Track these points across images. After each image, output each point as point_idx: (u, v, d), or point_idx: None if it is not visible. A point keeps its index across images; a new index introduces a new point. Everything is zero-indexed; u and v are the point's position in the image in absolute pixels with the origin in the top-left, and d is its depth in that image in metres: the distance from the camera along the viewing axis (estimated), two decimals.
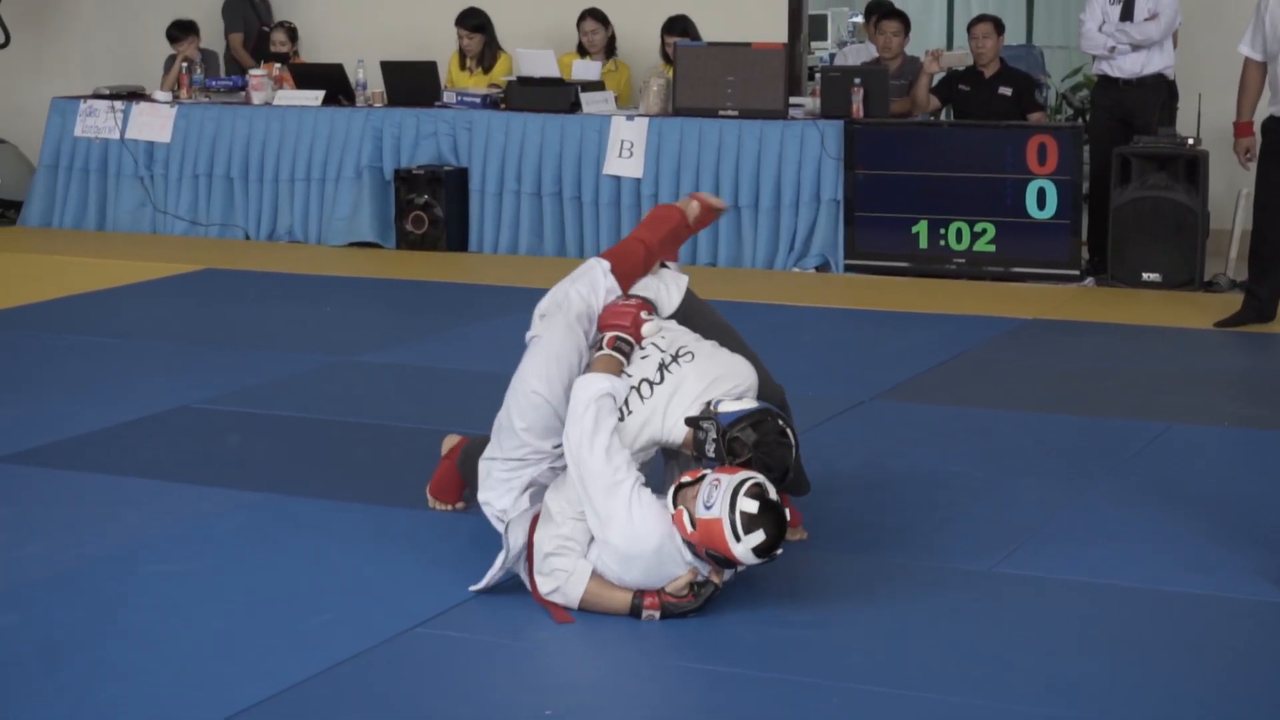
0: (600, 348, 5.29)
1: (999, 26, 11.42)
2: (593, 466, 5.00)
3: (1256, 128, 9.45)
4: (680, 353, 5.29)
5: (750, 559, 4.89)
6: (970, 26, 11.52)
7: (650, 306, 5.45)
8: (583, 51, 12.47)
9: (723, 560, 4.93)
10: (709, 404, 5.12)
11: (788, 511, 5.00)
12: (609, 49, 12.48)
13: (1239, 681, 4.62)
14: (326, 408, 7.65)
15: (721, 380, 5.23)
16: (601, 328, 5.36)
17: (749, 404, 5.10)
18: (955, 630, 5.04)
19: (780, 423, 5.09)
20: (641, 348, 5.30)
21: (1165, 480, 6.54)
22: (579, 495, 5.05)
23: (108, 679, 4.67)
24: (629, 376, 5.22)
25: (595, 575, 5.07)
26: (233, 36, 13.69)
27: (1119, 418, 7.42)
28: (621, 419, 5.13)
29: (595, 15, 12.42)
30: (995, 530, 5.90)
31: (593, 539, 5.05)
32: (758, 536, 4.86)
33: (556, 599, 5.09)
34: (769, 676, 4.75)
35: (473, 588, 5.24)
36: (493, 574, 5.23)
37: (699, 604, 5.02)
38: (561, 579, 5.07)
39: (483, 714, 4.50)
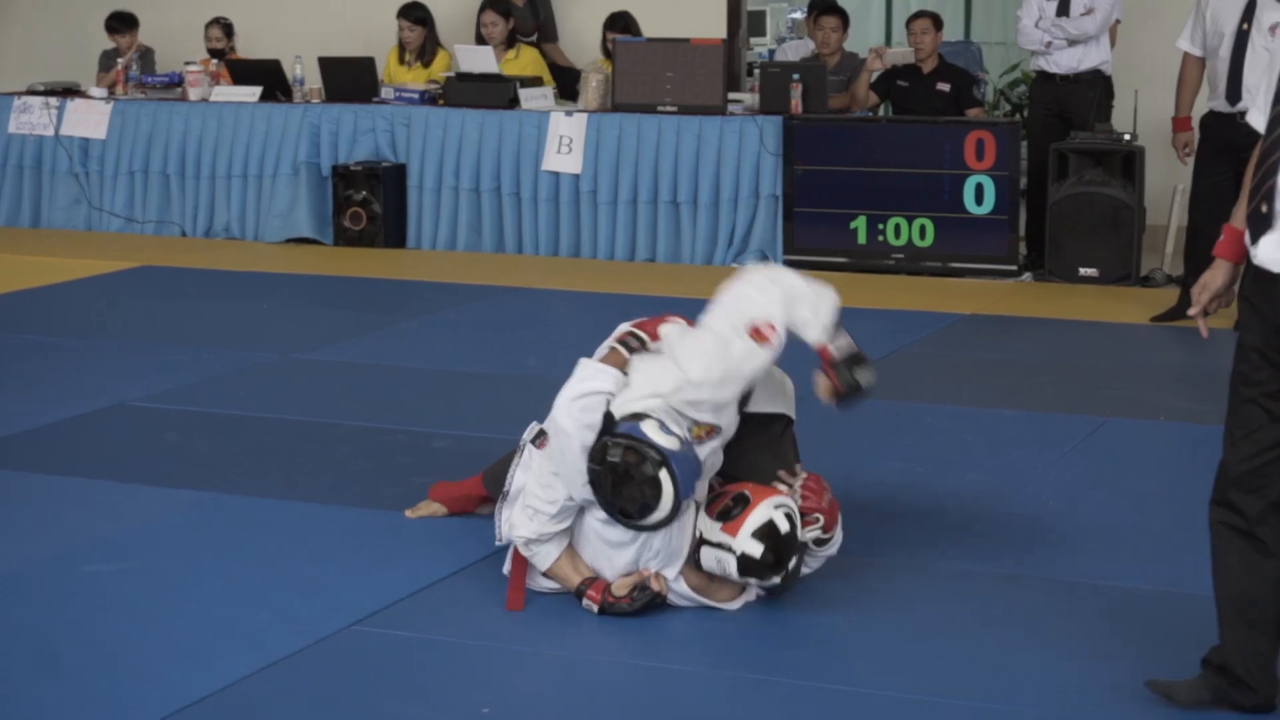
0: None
1: (937, 22, 11.46)
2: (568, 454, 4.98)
3: (1195, 123, 9.51)
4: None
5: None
6: (909, 22, 11.56)
7: (683, 318, 5.33)
8: (481, 43, 12.38)
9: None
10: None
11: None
12: (510, 40, 12.38)
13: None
14: (265, 405, 7.62)
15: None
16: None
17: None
18: (894, 625, 5.06)
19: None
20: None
21: (1103, 474, 6.58)
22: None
23: (46, 677, 4.64)
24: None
25: (568, 551, 5.12)
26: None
27: (1057, 412, 7.46)
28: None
29: (495, 6, 12.36)
30: (934, 525, 5.92)
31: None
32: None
33: (528, 554, 5.12)
34: (709, 672, 4.75)
35: (498, 542, 5.29)
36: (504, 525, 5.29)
37: (635, 608, 5.02)
38: (536, 532, 5.08)
39: (420, 711, 4.48)
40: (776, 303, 5.06)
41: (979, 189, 10.63)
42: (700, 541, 5.03)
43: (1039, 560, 5.56)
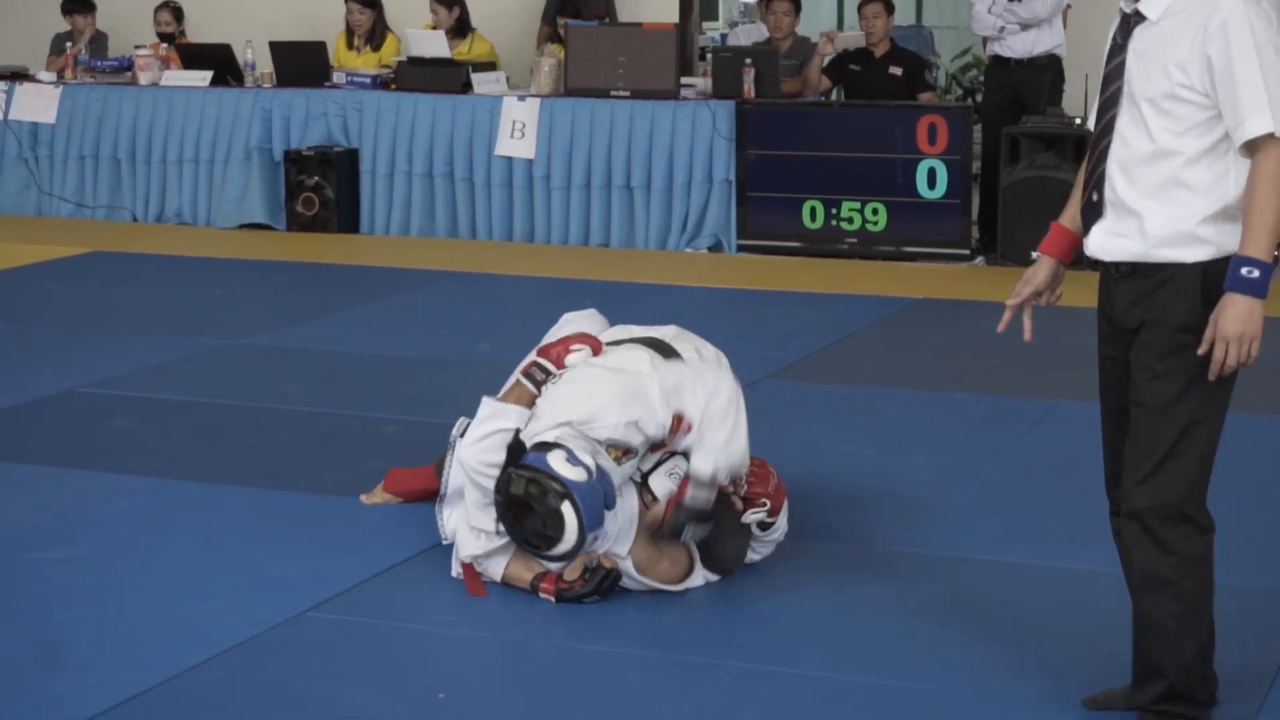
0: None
1: (889, 6, 11.46)
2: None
3: None
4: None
5: None
6: (860, 6, 11.56)
7: (591, 340, 5.31)
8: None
9: None
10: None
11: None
12: (460, 29, 12.32)
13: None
14: (215, 391, 7.59)
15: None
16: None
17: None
18: (848, 608, 5.07)
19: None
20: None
21: (1053, 457, 6.61)
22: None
23: None
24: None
25: (515, 554, 5.13)
26: (543, 28, 12.74)
27: (1008, 395, 7.48)
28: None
29: None
30: (887, 509, 5.93)
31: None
32: None
33: (480, 570, 5.14)
34: (664, 656, 4.75)
35: (444, 541, 5.32)
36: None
37: (591, 588, 5.02)
38: (484, 549, 5.11)
39: (375, 698, 4.47)
40: (715, 422, 5.03)
41: (931, 173, 10.65)
42: (644, 477, 5.07)
43: (989, 545, 5.58)
